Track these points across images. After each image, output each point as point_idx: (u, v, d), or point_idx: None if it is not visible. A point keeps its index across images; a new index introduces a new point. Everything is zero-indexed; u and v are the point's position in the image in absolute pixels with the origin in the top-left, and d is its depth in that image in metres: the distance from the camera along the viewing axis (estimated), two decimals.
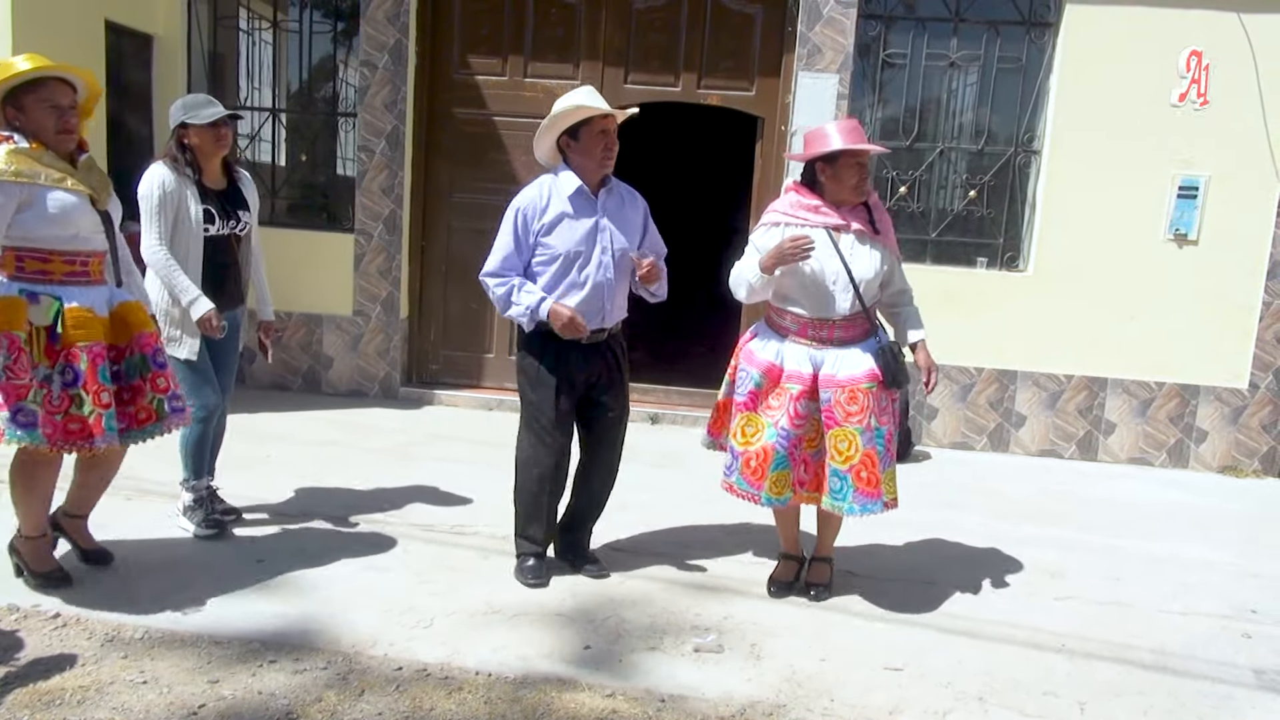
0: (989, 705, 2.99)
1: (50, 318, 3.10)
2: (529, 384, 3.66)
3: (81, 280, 3.23)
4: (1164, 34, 5.71)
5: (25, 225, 3.10)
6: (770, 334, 3.60)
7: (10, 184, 3.05)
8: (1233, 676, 3.28)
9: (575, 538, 3.88)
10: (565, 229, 3.55)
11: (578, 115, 3.50)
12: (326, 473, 4.83)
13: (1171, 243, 5.89)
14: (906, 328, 3.66)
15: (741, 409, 3.55)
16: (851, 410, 3.41)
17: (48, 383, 3.11)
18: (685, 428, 6.26)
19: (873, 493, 3.41)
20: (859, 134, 3.45)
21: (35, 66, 3.12)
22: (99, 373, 3.15)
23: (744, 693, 2.96)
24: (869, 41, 6.04)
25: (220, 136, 3.77)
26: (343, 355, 6.50)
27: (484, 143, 6.44)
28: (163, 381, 3.37)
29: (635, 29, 6.24)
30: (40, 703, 2.67)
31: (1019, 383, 6.09)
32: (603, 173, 3.59)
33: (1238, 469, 6.02)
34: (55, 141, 3.17)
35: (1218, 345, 5.95)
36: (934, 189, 6.25)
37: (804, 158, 3.53)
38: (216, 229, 3.78)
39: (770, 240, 3.50)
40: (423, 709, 2.76)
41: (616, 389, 3.75)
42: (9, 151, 3.07)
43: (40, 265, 3.15)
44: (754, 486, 3.48)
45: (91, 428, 3.12)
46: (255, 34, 6.63)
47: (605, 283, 3.58)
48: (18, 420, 3.04)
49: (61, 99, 3.17)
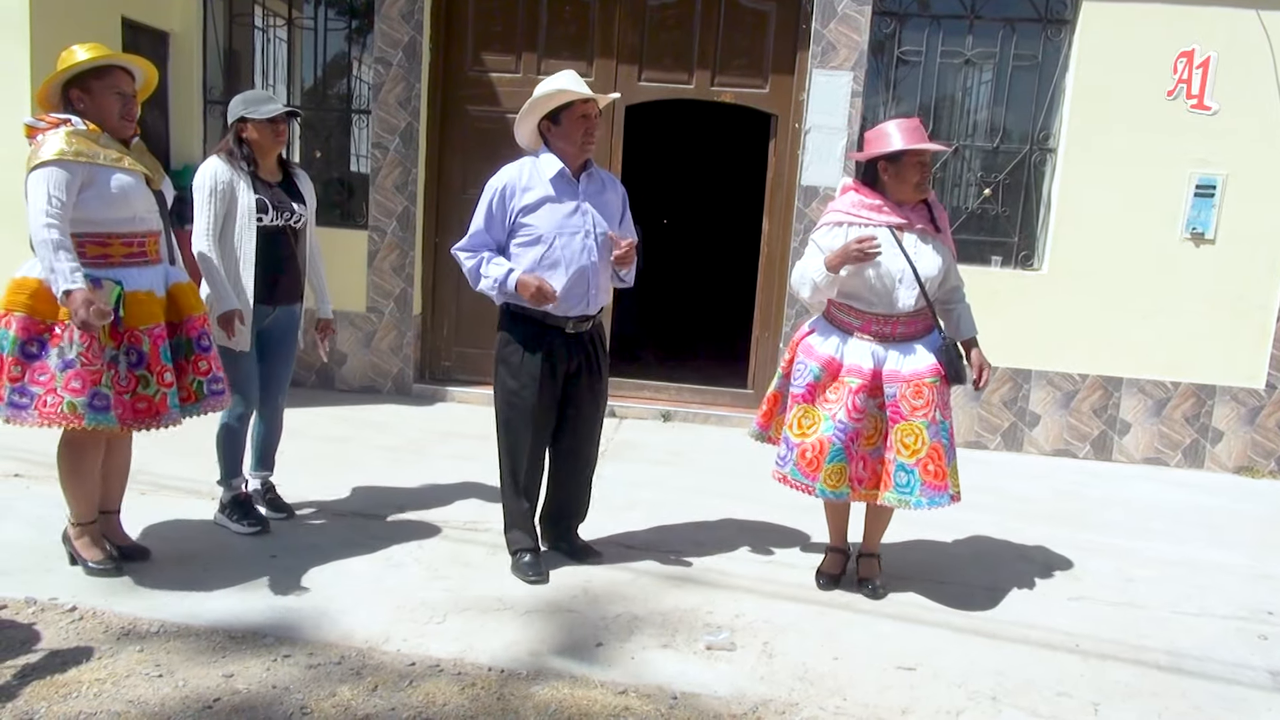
0: (1002, 705, 2.98)
1: (112, 301, 3.15)
2: (509, 373, 3.64)
3: (140, 261, 3.30)
4: (1181, 31, 5.67)
5: (87, 206, 3.15)
6: (831, 329, 3.62)
7: (73, 163, 3.11)
8: (1248, 678, 3.26)
9: (561, 529, 3.89)
10: (548, 211, 3.55)
11: (559, 99, 3.52)
12: (339, 469, 4.85)
13: (1188, 242, 5.85)
14: (960, 326, 3.69)
15: (798, 401, 3.58)
16: (917, 405, 3.45)
17: (114, 364, 3.19)
18: (696, 425, 6.26)
19: (940, 485, 3.44)
20: (921, 133, 3.48)
21: (101, 54, 3.24)
22: (160, 353, 3.26)
23: (756, 691, 2.96)
24: (883, 39, 6.02)
25: (279, 132, 3.79)
26: (356, 351, 6.52)
27: (497, 140, 6.43)
28: (204, 364, 3.44)
29: (649, 26, 6.23)
30: (57, 695, 2.69)
31: (1033, 382, 6.07)
32: (584, 157, 3.61)
33: (1254, 469, 5.98)
34: (117, 127, 3.27)
35: (1234, 345, 5.91)
36: (948, 187, 6.23)
37: (867, 157, 3.56)
38: (270, 220, 3.79)
39: (834, 240, 3.53)
40: (435, 704, 2.77)
41: (595, 380, 3.75)
42: (68, 133, 3.14)
43: (100, 249, 3.21)
44: (809, 478, 3.50)
45: (158, 406, 3.24)
46: (270, 31, 6.65)
47: (589, 265, 3.58)
48: (94, 405, 3.12)
49: (126, 87, 3.29)
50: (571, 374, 3.67)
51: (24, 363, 3.14)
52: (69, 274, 3.03)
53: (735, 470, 5.18)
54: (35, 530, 3.79)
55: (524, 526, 3.76)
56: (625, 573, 3.77)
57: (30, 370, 3.14)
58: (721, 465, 5.37)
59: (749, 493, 4.73)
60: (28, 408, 3.13)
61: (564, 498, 3.88)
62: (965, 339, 3.67)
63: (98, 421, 3.13)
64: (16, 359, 3.14)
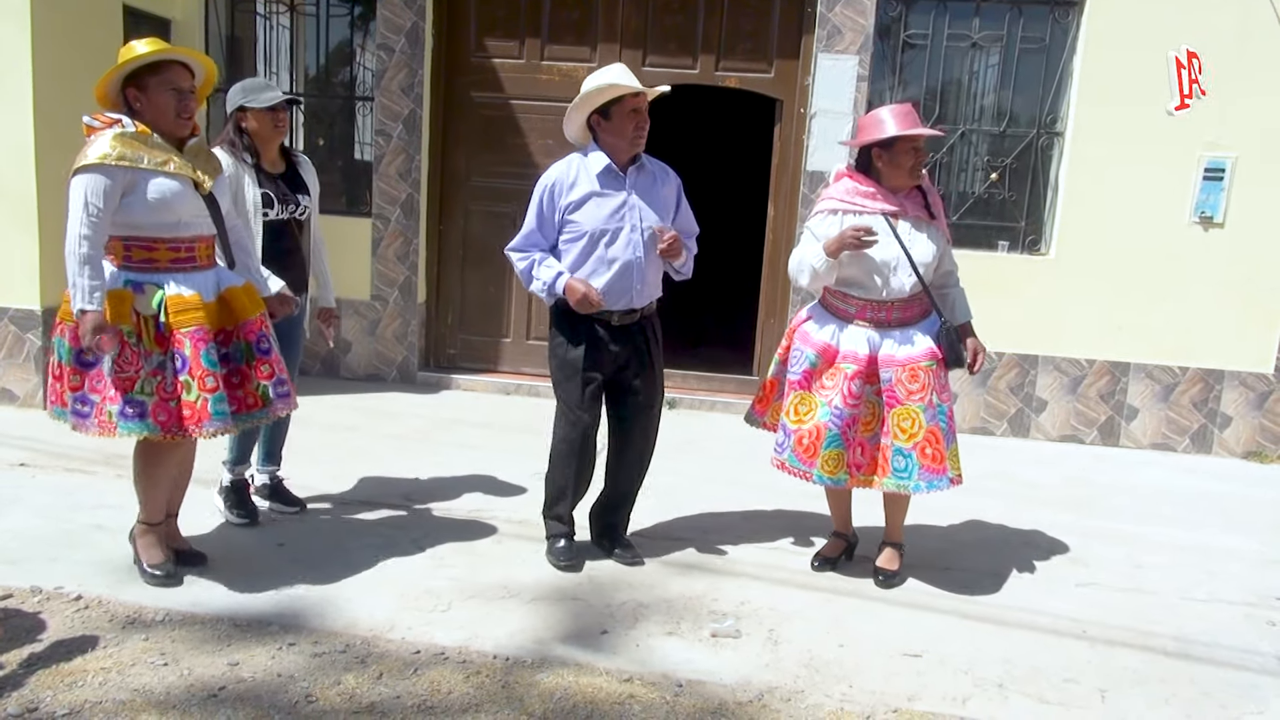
0: (1009, 692, 2.97)
1: (154, 307, 3.10)
2: (558, 365, 3.65)
3: (188, 266, 3.20)
4: (1190, 12, 5.61)
5: (130, 211, 3.08)
6: (827, 316, 3.62)
7: (114, 168, 3.03)
8: (1257, 664, 3.24)
9: (607, 524, 3.87)
10: (592, 207, 3.52)
11: (610, 94, 3.47)
12: (344, 457, 4.84)
13: (1197, 225, 5.81)
14: (955, 310, 3.67)
15: (795, 387, 3.57)
16: (913, 388, 3.44)
17: (161, 369, 3.11)
18: (704, 412, 6.25)
19: (938, 469, 3.44)
20: (914, 119, 3.45)
21: (157, 49, 3.13)
22: (202, 357, 3.12)
23: (762, 678, 2.95)
24: (889, 22, 5.97)
25: (279, 121, 3.74)
26: (360, 340, 6.52)
27: (501, 126, 6.42)
28: (267, 368, 3.31)
29: (653, 11, 6.19)
30: (63, 684, 2.69)
31: (1040, 367, 6.04)
32: (633, 151, 3.56)
33: (1262, 455, 5.95)
34: (173, 125, 3.17)
35: (1243, 329, 5.87)
36: (955, 172, 6.19)
37: (860, 144, 3.54)
38: (275, 213, 3.76)
39: (829, 228, 3.51)
40: (440, 692, 2.77)
41: (647, 374, 3.70)
42: (115, 136, 3.06)
43: (146, 254, 3.14)
44: (806, 464, 3.50)
45: (199, 413, 3.11)
46: (273, 18, 6.62)
47: (635, 261, 3.54)
48: (126, 413, 3.07)
49: (182, 82, 3.17)
50: (623, 366, 3.65)
51: (81, 371, 3.12)
52: (88, 293, 2.97)
53: (741, 457, 5.16)
54: (41, 519, 3.80)
55: (562, 514, 3.75)
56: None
57: (88, 379, 3.11)
58: (727, 452, 5.36)
59: (755, 480, 4.72)
60: (89, 416, 3.11)
61: (612, 492, 3.85)
62: (960, 323, 3.65)
63: (130, 430, 3.08)
64: (74, 368, 3.12)
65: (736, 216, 9.36)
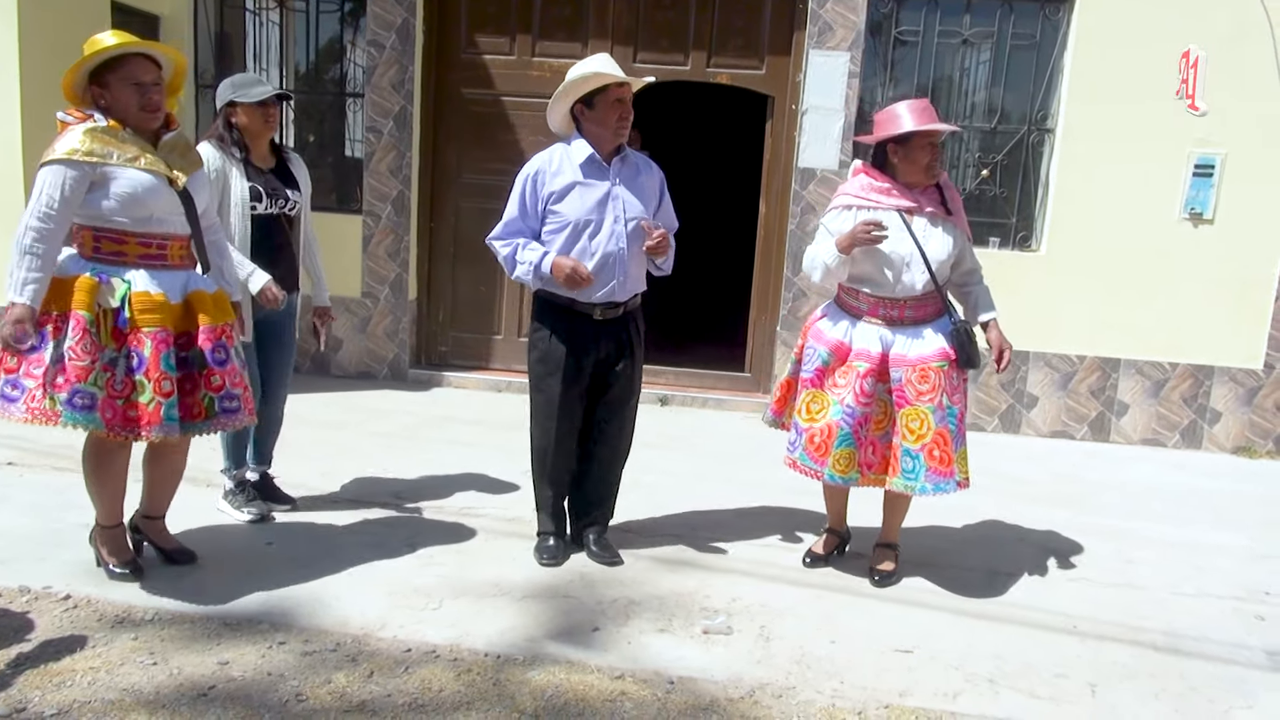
0: (1000, 687, 2.97)
1: (118, 300, 3.04)
2: (538, 358, 3.63)
3: (158, 264, 3.13)
4: (1181, 10, 5.63)
5: (97, 205, 3.03)
6: (840, 314, 3.60)
7: (81, 163, 2.99)
8: (1245, 658, 3.26)
9: (584, 523, 3.85)
10: (576, 197, 3.50)
11: (593, 83, 3.45)
12: (335, 455, 4.83)
13: (1187, 222, 5.83)
14: (978, 307, 3.66)
15: (807, 385, 3.55)
16: (923, 389, 3.41)
17: (112, 366, 3.03)
18: (695, 409, 6.25)
19: (946, 471, 3.41)
20: (931, 114, 3.42)
21: (118, 43, 3.06)
22: (161, 360, 3.05)
23: (753, 675, 2.95)
24: (880, 19, 5.97)
25: (268, 116, 3.71)
26: (351, 337, 6.50)
27: (492, 123, 6.40)
28: (216, 379, 3.19)
29: (644, 7, 6.18)
30: (51, 684, 2.67)
31: (1031, 364, 6.05)
32: (617, 142, 3.54)
33: (1251, 450, 5.98)
34: (139, 119, 3.10)
35: (1233, 326, 5.89)
36: (946, 168, 6.19)
37: (875, 139, 3.51)
38: (264, 208, 3.73)
39: (843, 224, 3.49)
40: (431, 690, 2.76)
41: (628, 370, 3.69)
42: (85, 131, 3.02)
43: (116, 247, 3.09)
44: (817, 463, 3.47)
45: (150, 416, 3.03)
46: (262, 14, 6.59)
47: (617, 252, 3.52)
48: (74, 403, 2.97)
49: (144, 75, 3.08)
50: (602, 361, 3.62)
51: (21, 355, 3.02)
52: (20, 285, 2.92)
53: (732, 454, 5.16)
54: (28, 518, 3.78)
55: (550, 511, 3.75)
56: (622, 556, 3.76)
57: (27, 363, 3.00)
58: (719, 449, 5.36)
59: (746, 477, 4.72)
60: (17, 400, 2.99)
61: (588, 488, 3.82)
62: (984, 321, 3.63)
63: (75, 421, 2.98)
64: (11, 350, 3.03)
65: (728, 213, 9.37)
